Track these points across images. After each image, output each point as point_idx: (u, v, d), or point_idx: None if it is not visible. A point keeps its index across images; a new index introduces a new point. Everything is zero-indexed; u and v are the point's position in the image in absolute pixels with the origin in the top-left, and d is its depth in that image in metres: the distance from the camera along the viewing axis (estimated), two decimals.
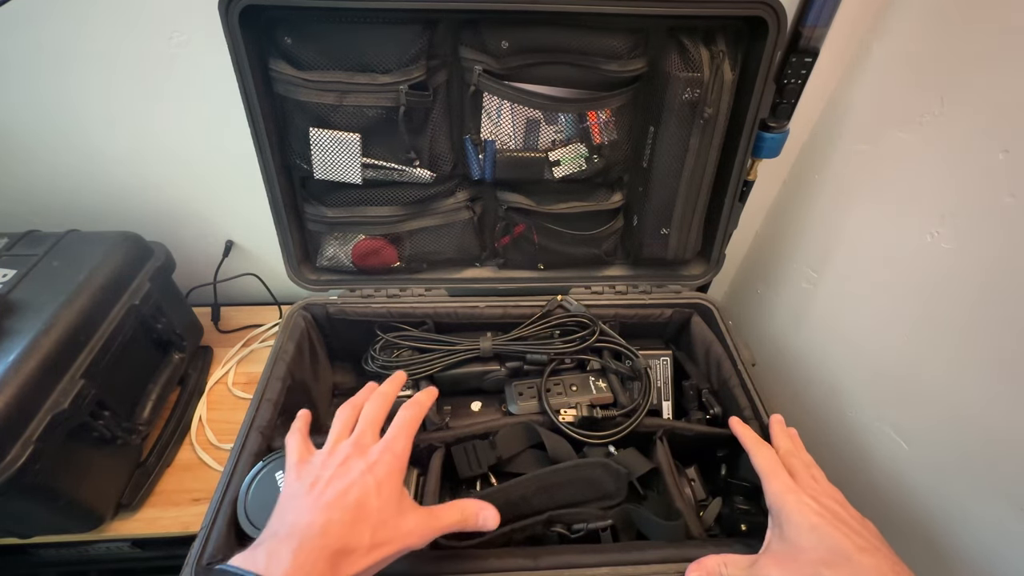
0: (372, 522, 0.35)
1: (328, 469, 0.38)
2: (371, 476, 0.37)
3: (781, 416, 0.53)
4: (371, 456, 0.39)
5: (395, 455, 0.39)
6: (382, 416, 0.43)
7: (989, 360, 0.50)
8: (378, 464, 0.38)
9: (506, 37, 0.53)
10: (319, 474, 0.38)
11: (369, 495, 0.36)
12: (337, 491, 0.36)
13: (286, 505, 0.37)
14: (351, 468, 0.37)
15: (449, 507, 0.40)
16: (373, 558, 0.35)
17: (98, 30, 0.63)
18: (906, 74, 0.58)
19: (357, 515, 0.35)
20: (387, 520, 0.36)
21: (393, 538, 0.36)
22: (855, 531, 0.40)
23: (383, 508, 0.36)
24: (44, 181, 0.77)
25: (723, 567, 0.42)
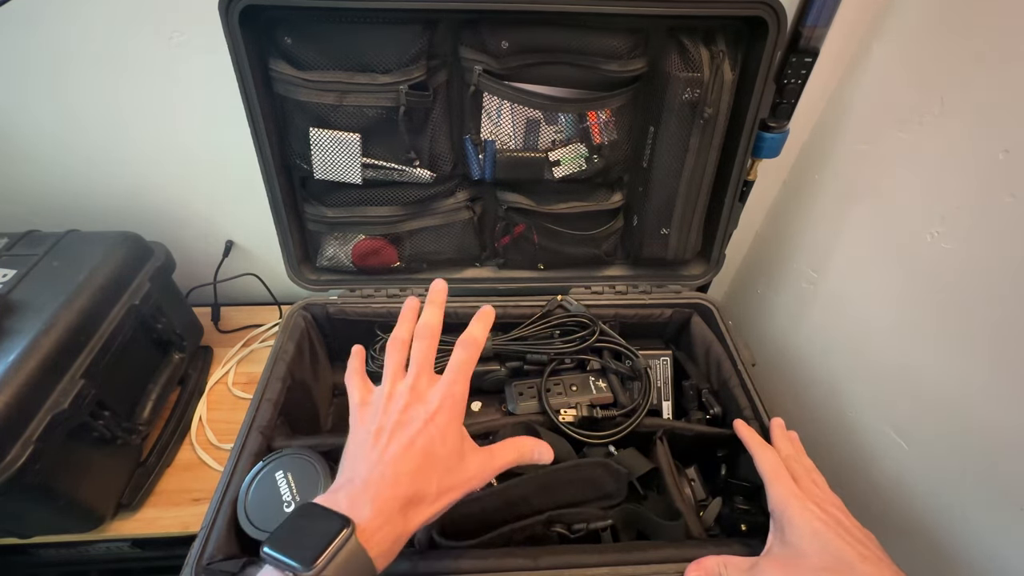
0: (438, 470, 0.36)
1: (390, 416, 0.38)
2: (433, 425, 0.37)
3: (782, 420, 0.53)
4: (431, 403, 0.39)
5: (454, 400, 0.39)
6: (432, 353, 0.42)
7: (989, 360, 0.50)
8: (439, 412, 0.38)
9: (506, 37, 0.53)
10: (382, 422, 0.38)
11: (434, 444, 0.37)
12: (402, 444, 0.36)
13: (356, 453, 0.38)
14: (413, 417, 0.38)
15: (506, 446, 0.41)
16: (440, 504, 0.36)
17: (98, 30, 0.63)
18: (906, 74, 0.58)
19: (423, 465, 0.36)
20: (451, 467, 0.37)
21: (457, 483, 0.37)
22: (858, 540, 0.40)
23: (448, 456, 0.37)
24: (44, 181, 0.77)
25: (723, 568, 0.42)
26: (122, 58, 0.65)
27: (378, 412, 0.39)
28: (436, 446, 0.37)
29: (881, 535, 0.43)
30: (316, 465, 0.49)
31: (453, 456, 0.38)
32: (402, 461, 0.36)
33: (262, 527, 0.45)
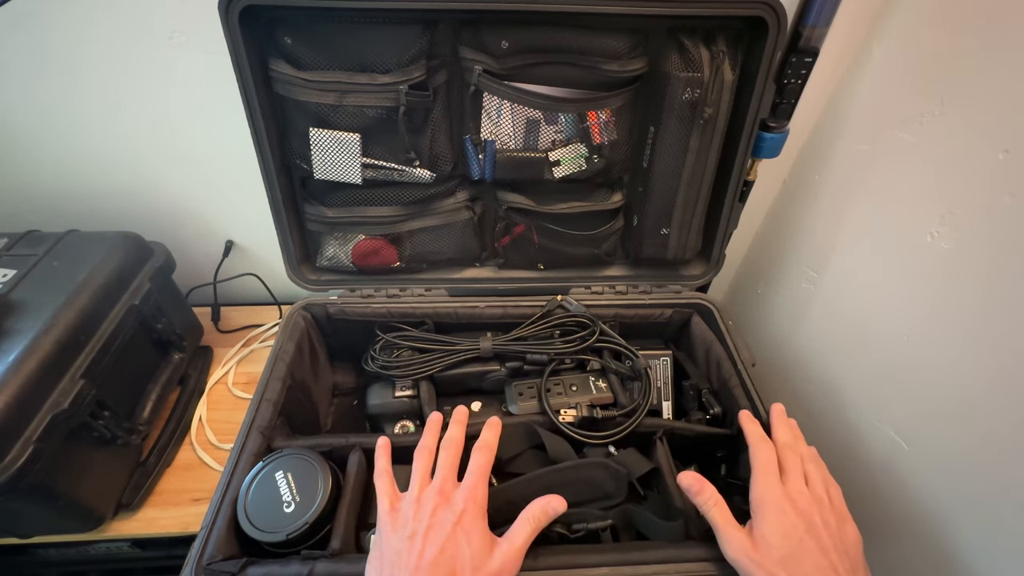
0: (468, 570, 0.40)
1: (421, 522, 0.42)
2: (461, 529, 0.42)
3: (782, 406, 0.53)
4: (457, 505, 0.43)
5: (477, 503, 0.44)
6: (457, 462, 0.47)
7: (989, 360, 0.50)
8: (465, 515, 0.42)
9: (506, 37, 0.53)
10: (414, 528, 0.42)
11: (462, 547, 0.41)
12: (436, 550, 0.40)
13: (392, 558, 0.41)
14: (443, 521, 0.42)
15: (521, 524, 0.44)
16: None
17: (98, 30, 0.63)
18: (906, 74, 0.58)
19: (455, 568, 0.40)
20: (480, 566, 0.41)
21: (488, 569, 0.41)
22: (823, 549, 0.41)
23: (475, 555, 0.41)
24: (44, 181, 0.77)
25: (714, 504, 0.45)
26: (122, 58, 0.65)
27: (410, 518, 0.43)
28: (463, 549, 0.41)
29: (880, 535, 0.43)
30: (316, 465, 0.49)
31: (479, 555, 0.41)
32: (437, 567, 0.40)
33: (262, 527, 0.45)
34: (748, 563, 0.41)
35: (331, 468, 0.49)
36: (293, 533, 0.45)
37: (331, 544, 0.45)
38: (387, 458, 0.49)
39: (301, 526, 0.45)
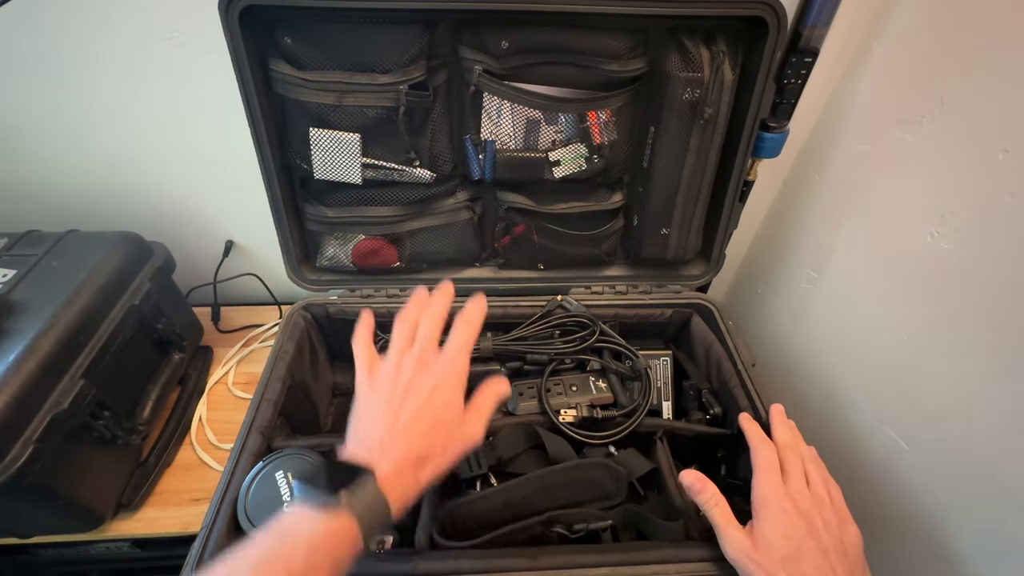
0: (443, 434, 0.41)
1: (399, 386, 0.42)
2: (438, 395, 0.42)
3: (782, 406, 0.53)
4: (436, 374, 0.43)
5: (457, 374, 0.44)
6: (439, 333, 0.46)
7: (989, 360, 0.50)
8: (444, 382, 0.43)
9: (506, 37, 0.53)
10: (392, 390, 0.42)
11: (438, 413, 0.41)
12: (412, 412, 0.41)
13: (366, 419, 0.41)
14: (420, 386, 0.42)
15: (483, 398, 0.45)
16: (445, 460, 0.41)
17: (98, 30, 0.63)
18: (906, 74, 0.58)
19: (430, 430, 0.41)
20: (453, 430, 0.42)
21: (458, 443, 0.42)
22: (823, 550, 0.41)
23: (450, 421, 0.42)
24: (44, 181, 0.77)
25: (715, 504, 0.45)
26: (122, 58, 0.65)
27: (387, 381, 0.43)
28: (440, 414, 0.41)
29: (880, 535, 0.43)
30: (316, 465, 0.49)
31: (454, 421, 0.42)
32: (413, 427, 0.40)
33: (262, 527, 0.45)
34: (748, 563, 0.41)
35: None
36: None
37: None
38: (370, 329, 0.48)
39: None
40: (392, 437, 0.39)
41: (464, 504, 0.49)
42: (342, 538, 0.35)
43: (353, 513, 0.35)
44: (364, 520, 0.35)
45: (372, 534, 0.36)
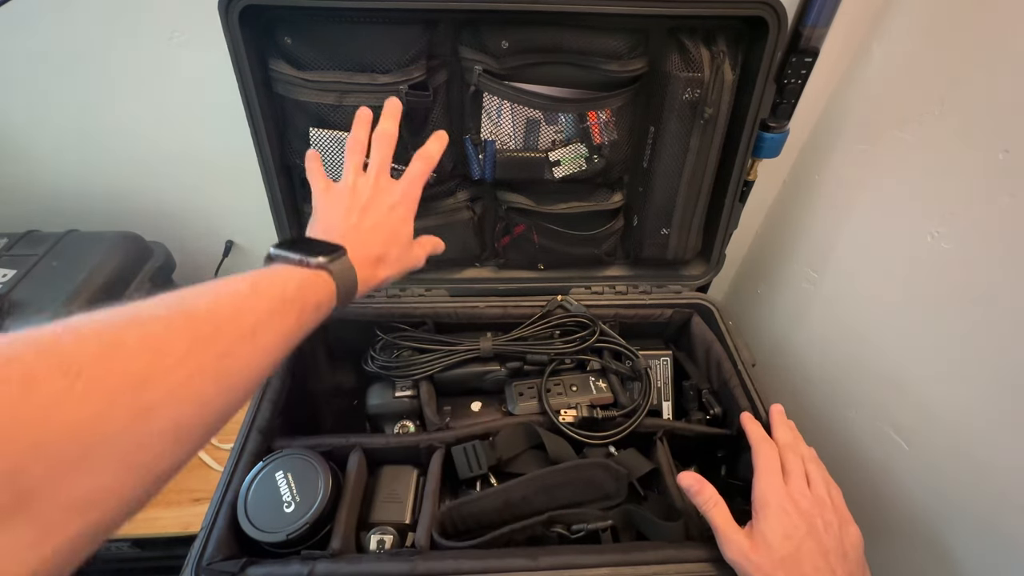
0: (396, 246, 0.46)
1: (357, 201, 0.45)
2: (395, 213, 0.46)
3: (782, 407, 0.53)
4: (393, 198, 0.46)
5: (411, 199, 0.47)
6: (390, 158, 0.49)
7: (989, 360, 0.50)
8: (400, 204, 0.47)
9: (506, 37, 0.53)
10: (351, 204, 0.45)
11: (395, 227, 0.46)
12: (372, 222, 0.45)
13: (328, 220, 0.44)
14: (379, 204, 0.46)
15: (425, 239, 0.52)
16: (395, 270, 0.46)
17: (98, 30, 0.63)
18: (906, 74, 0.58)
19: (388, 239, 0.45)
20: (405, 247, 0.47)
21: (407, 259, 0.47)
22: (823, 551, 0.41)
23: (404, 238, 0.47)
24: (44, 181, 0.77)
25: (714, 505, 0.45)
26: (122, 58, 0.65)
27: (345, 197, 0.46)
28: (397, 229, 0.46)
29: (880, 535, 0.43)
30: (316, 465, 0.49)
31: (406, 239, 0.47)
32: (373, 232, 0.44)
33: (262, 527, 0.45)
34: (747, 564, 0.41)
35: (331, 468, 0.49)
36: (293, 533, 0.45)
37: (331, 544, 0.45)
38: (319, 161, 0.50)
39: (301, 526, 0.45)
40: (355, 235, 0.42)
41: (464, 504, 0.49)
42: (324, 285, 0.37)
43: (331, 273, 0.38)
44: (339, 282, 0.38)
45: (343, 300, 0.39)
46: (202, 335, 0.28)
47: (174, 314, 0.28)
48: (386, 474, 0.54)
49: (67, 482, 0.21)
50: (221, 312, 0.30)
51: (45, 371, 0.21)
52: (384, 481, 0.53)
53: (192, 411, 0.26)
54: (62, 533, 0.21)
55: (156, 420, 0.24)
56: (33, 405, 0.20)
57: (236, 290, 0.32)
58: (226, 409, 0.29)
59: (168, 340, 0.26)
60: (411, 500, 0.52)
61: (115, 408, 0.23)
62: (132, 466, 0.23)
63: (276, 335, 0.32)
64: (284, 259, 0.38)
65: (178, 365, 0.26)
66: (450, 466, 0.54)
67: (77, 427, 0.21)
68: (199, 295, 0.30)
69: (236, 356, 0.29)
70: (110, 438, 0.22)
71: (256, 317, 0.31)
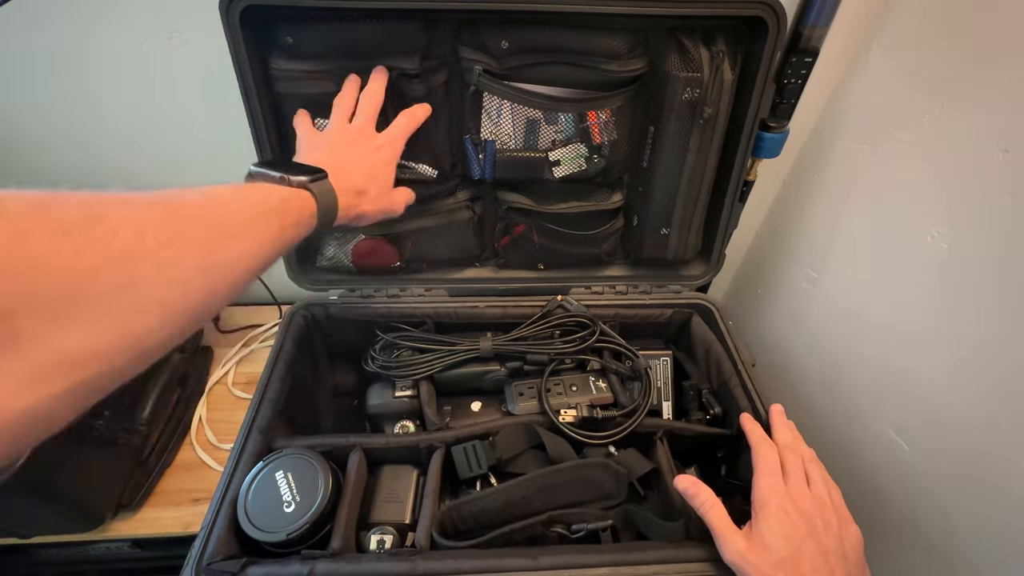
0: (377, 186, 0.47)
1: (342, 138, 0.47)
2: (378, 156, 0.48)
3: (781, 407, 0.53)
4: (378, 142, 0.49)
5: (395, 147, 0.50)
6: (376, 113, 0.51)
7: (989, 359, 0.50)
8: (383, 148, 0.49)
9: (506, 37, 0.53)
10: (335, 141, 0.47)
11: (377, 168, 0.47)
12: (357, 157, 0.46)
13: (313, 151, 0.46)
14: (362, 146, 0.47)
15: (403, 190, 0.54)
16: (376, 206, 0.47)
17: (98, 30, 0.63)
18: (906, 74, 0.58)
19: (368, 176, 0.46)
20: (386, 188, 0.48)
21: (387, 201, 0.49)
22: (822, 551, 0.41)
23: (385, 180, 0.48)
24: (44, 181, 0.77)
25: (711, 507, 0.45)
26: (122, 58, 0.65)
27: (330, 135, 0.48)
28: (378, 170, 0.47)
29: (880, 535, 0.43)
30: (316, 465, 0.49)
31: (388, 184, 0.49)
32: (357, 166, 0.46)
33: (262, 527, 0.45)
34: (745, 566, 0.41)
35: (331, 468, 0.49)
36: (293, 533, 0.45)
37: (331, 544, 0.45)
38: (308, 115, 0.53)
39: (301, 526, 0.45)
40: (339, 167, 0.43)
41: (464, 504, 0.49)
42: (305, 203, 0.38)
43: (312, 193, 0.38)
44: (320, 202, 0.39)
45: (324, 221, 0.40)
46: (187, 224, 0.29)
47: (160, 202, 0.29)
48: (386, 474, 0.54)
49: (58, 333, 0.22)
50: (206, 209, 0.31)
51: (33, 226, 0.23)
52: (384, 481, 0.53)
53: (177, 293, 0.28)
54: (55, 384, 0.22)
55: (142, 292, 0.26)
56: (22, 256, 0.22)
57: (219, 193, 0.33)
58: (209, 301, 0.30)
59: (153, 223, 0.28)
60: (411, 500, 0.52)
61: (103, 272, 0.24)
62: (120, 331, 0.25)
63: (258, 241, 0.34)
64: (265, 176, 0.39)
65: (162, 248, 0.27)
66: (450, 466, 0.54)
67: (66, 282, 0.23)
68: (183, 193, 0.31)
69: (219, 252, 0.31)
70: (99, 300, 0.24)
71: (240, 218, 0.33)
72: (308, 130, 0.50)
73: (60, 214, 0.24)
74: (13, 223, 0.22)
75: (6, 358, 0.21)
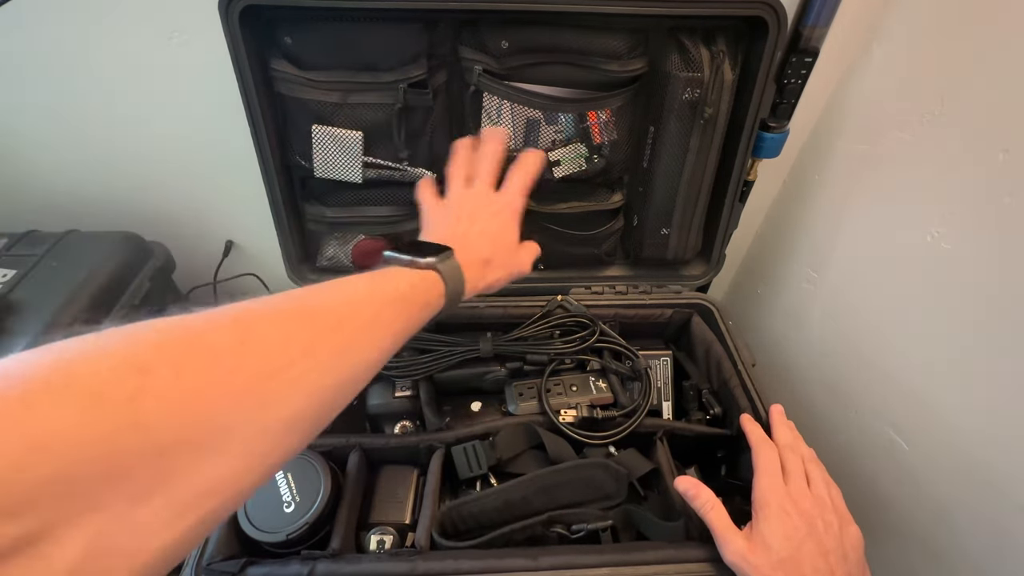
0: (503, 251, 0.47)
1: (465, 211, 0.47)
2: (497, 220, 0.47)
3: (781, 407, 0.53)
4: (496, 205, 0.48)
5: (513, 208, 0.49)
6: (496, 172, 0.50)
7: (989, 359, 0.50)
8: (502, 212, 0.48)
9: (506, 37, 0.53)
10: (459, 213, 0.47)
11: (499, 234, 0.47)
12: (479, 228, 0.46)
13: (438, 229, 0.46)
14: (483, 213, 0.47)
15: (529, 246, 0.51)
16: (503, 274, 0.47)
17: (98, 30, 0.63)
18: (906, 74, 0.58)
19: (493, 243, 0.46)
20: (510, 252, 0.48)
21: (513, 263, 0.48)
22: (822, 552, 0.41)
23: (510, 243, 0.48)
24: (44, 181, 0.77)
25: (711, 508, 0.45)
26: (122, 58, 0.65)
27: (452, 206, 0.48)
28: (501, 235, 0.47)
29: (880, 535, 0.43)
30: (316, 465, 0.49)
31: (512, 246, 0.48)
32: (481, 237, 0.46)
33: (262, 527, 0.45)
34: (746, 566, 0.41)
35: (331, 468, 0.49)
36: (293, 533, 0.45)
37: (331, 544, 0.45)
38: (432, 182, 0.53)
39: (301, 526, 0.45)
40: (462, 240, 0.44)
41: (464, 504, 0.49)
42: (434, 285, 0.38)
43: (439, 273, 0.39)
44: (448, 281, 0.39)
45: (452, 299, 0.40)
46: (323, 329, 0.29)
47: (298, 308, 0.29)
48: (386, 474, 0.54)
49: (202, 466, 0.22)
50: (340, 309, 0.31)
51: (192, 356, 0.23)
52: (384, 481, 0.53)
53: (306, 403, 0.27)
54: (192, 515, 0.22)
55: (275, 411, 0.26)
56: (182, 389, 0.22)
57: (354, 288, 0.34)
58: (336, 401, 0.30)
59: (293, 333, 0.28)
60: (411, 500, 0.52)
61: (244, 399, 0.24)
62: (251, 455, 0.25)
63: (389, 331, 0.34)
64: (396, 260, 0.39)
65: (301, 358, 0.27)
66: (450, 466, 0.54)
67: (213, 412, 0.23)
68: (319, 292, 0.32)
69: (352, 351, 0.30)
70: (236, 427, 0.24)
71: (372, 312, 0.33)
72: (432, 203, 0.50)
73: (213, 339, 0.25)
74: (173, 354, 0.23)
75: (157, 497, 0.21)
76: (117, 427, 0.20)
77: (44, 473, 0.18)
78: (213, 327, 0.25)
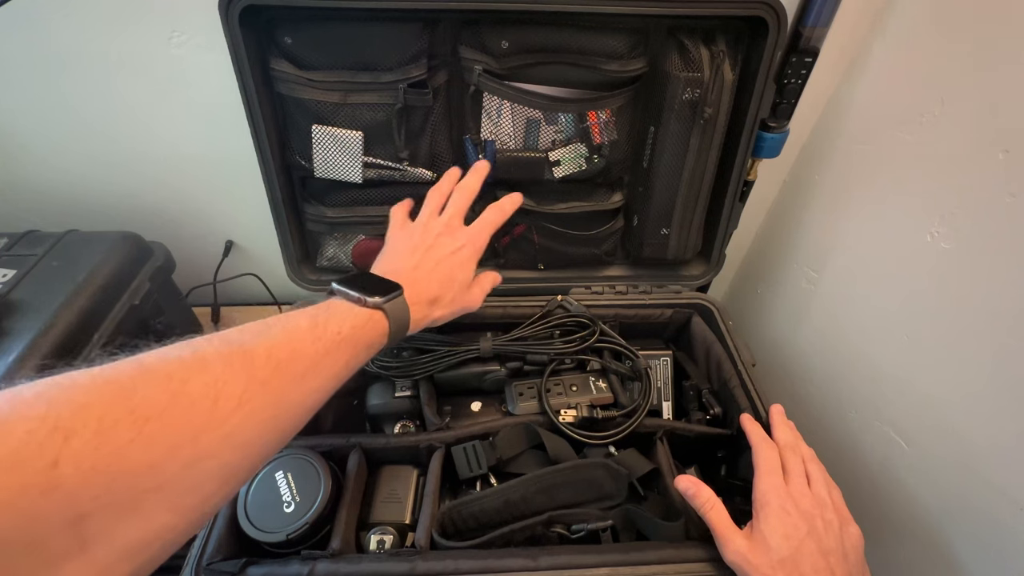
0: (453, 288, 0.47)
1: (426, 240, 0.48)
2: (456, 257, 0.48)
3: (781, 407, 0.53)
4: (459, 241, 0.49)
5: (476, 246, 0.50)
6: (467, 207, 0.52)
7: (989, 359, 0.50)
8: (464, 248, 0.49)
9: (506, 37, 0.53)
10: (418, 242, 0.48)
11: (455, 270, 0.48)
12: (434, 261, 0.47)
13: (393, 256, 0.48)
14: (443, 246, 0.48)
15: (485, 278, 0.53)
16: (449, 311, 0.48)
17: (98, 30, 0.63)
18: (906, 74, 0.58)
19: (446, 281, 0.47)
20: (462, 290, 0.48)
21: (462, 301, 0.49)
22: (823, 551, 0.41)
23: (462, 281, 0.48)
24: (44, 181, 0.77)
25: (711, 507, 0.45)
26: (122, 58, 0.65)
27: (415, 234, 0.49)
28: (455, 272, 0.48)
29: (880, 535, 0.43)
30: (316, 465, 0.49)
31: (464, 282, 0.49)
32: (432, 273, 0.46)
33: (262, 527, 0.45)
34: (746, 566, 0.41)
35: (331, 468, 0.49)
36: (293, 533, 0.45)
37: (331, 544, 0.45)
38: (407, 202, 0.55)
39: (301, 526, 0.45)
40: (415, 275, 0.45)
41: (464, 504, 0.49)
42: (377, 324, 0.39)
43: (385, 313, 0.39)
44: (392, 321, 0.40)
45: (395, 336, 0.41)
46: (260, 377, 0.29)
47: (235, 353, 0.29)
48: (386, 474, 0.54)
49: (124, 527, 0.22)
50: (279, 353, 0.31)
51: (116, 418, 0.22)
52: (384, 481, 0.53)
53: (240, 455, 0.27)
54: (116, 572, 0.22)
55: (206, 465, 0.25)
56: (104, 453, 0.21)
57: (295, 327, 0.34)
58: (272, 447, 0.30)
59: (227, 384, 0.27)
60: (411, 500, 0.52)
61: (173, 457, 0.24)
62: (181, 509, 0.24)
63: (329, 374, 0.34)
64: (344, 295, 0.40)
65: (235, 411, 0.27)
66: (450, 466, 0.54)
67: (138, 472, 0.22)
68: (260, 332, 0.31)
69: (287, 399, 0.30)
70: (165, 485, 0.23)
71: (312, 357, 0.33)
72: (399, 223, 0.51)
73: (144, 396, 0.24)
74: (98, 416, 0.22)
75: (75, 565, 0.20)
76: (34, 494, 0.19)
77: None
78: (144, 382, 0.24)
